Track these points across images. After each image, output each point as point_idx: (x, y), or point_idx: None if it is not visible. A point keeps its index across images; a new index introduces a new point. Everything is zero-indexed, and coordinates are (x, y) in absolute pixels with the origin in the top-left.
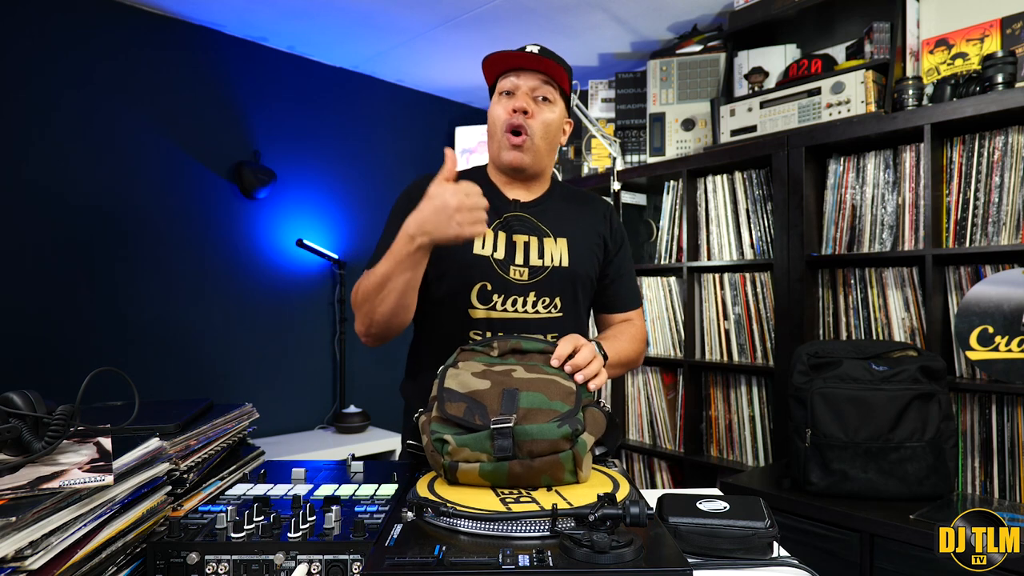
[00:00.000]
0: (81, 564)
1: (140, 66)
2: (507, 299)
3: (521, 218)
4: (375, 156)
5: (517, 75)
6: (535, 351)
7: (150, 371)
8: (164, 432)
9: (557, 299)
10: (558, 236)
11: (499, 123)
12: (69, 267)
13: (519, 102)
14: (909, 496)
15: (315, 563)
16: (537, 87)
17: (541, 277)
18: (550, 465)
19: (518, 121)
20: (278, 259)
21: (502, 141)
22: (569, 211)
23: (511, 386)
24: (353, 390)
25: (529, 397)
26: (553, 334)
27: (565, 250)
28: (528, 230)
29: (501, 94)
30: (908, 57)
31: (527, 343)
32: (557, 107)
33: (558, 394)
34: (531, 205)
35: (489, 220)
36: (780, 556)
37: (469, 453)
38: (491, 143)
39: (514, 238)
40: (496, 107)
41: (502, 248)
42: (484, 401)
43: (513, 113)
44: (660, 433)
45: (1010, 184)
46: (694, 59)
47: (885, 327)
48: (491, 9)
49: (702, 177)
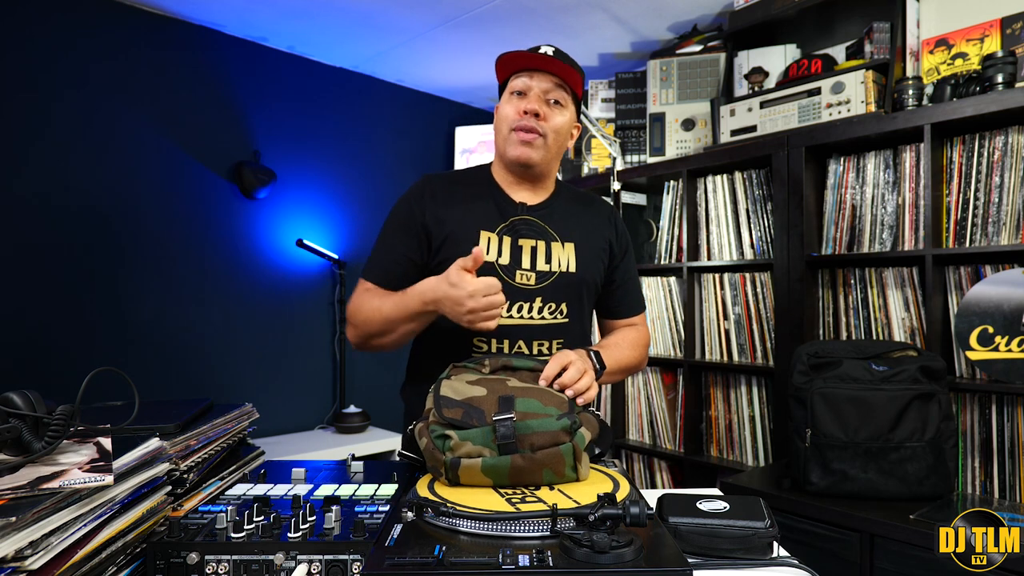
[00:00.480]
0: (81, 564)
1: (140, 66)
2: (513, 305)
3: (528, 222)
4: (375, 156)
5: (530, 76)
6: (525, 369)
7: (150, 371)
8: (164, 432)
9: (563, 305)
10: (565, 241)
11: (508, 121)
12: (69, 267)
13: (531, 104)
14: (909, 496)
15: (315, 563)
16: (550, 90)
17: (548, 282)
18: (551, 458)
19: (529, 124)
20: (278, 259)
21: (509, 138)
22: (575, 214)
23: (507, 393)
24: (353, 390)
25: (525, 403)
26: (559, 340)
27: (572, 255)
28: (535, 234)
29: (512, 93)
30: (908, 57)
31: (517, 361)
32: (568, 111)
33: (552, 402)
34: (538, 208)
35: (494, 223)
36: (780, 556)
37: (471, 447)
38: (498, 140)
39: (520, 242)
40: (506, 106)
41: (507, 253)
42: (481, 406)
43: (524, 114)
44: (660, 433)
45: (1010, 184)
46: (694, 59)
47: (885, 327)
48: (491, 9)
49: (702, 177)
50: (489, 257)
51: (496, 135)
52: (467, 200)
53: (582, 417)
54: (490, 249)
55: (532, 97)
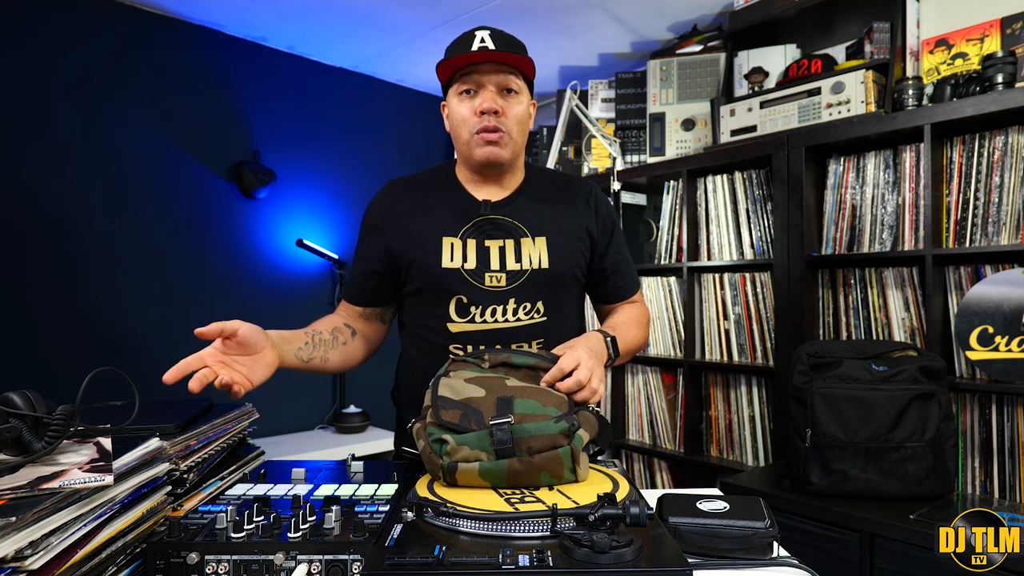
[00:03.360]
0: (81, 564)
1: (140, 66)
2: (485, 310)
3: (493, 220)
4: (375, 156)
5: (478, 71)
6: (525, 367)
7: (150, 371)
8: (164, 432)
9: (540, 303)
10: (536, 235)
11: (467, 125)
12: (69, 266)
13: (487, 103)
14: (909, 496)
15: (315, 563)
16: (501, 81)
17: (520, 282)
18: (549, 461)
19: (491, 123)
20: (278, 259)
21: (472, 140)
22: (547, 204)
23: (505, 393)
24: (353, 390)
25: (523, 404)
26: (539, 340)
27: (544, 250)
28: (502, 233)
29: (462, 92)
30: (908, 57)
31: (517, 357)
32: (524, 95)
33: (551, 402)
34: (503, 204)
35: (457, 226)
36: (780, 556)
37: (468, 452)
38: (459, 144)
39: (486, 243)
40: (460, 107)
41: (473, 257)
42: (479, 407)
43: (482, 115)
44: (660, 433)
45: (1010, 184)
46: (694, 59)
47: (885, 327)
48: (491, 9)
49: (702, 177)
50: (454, 264)
51: (455, 139)
52: (428, 206)
53: (581, 417)
54: (454, 255)
55: (487, 95)
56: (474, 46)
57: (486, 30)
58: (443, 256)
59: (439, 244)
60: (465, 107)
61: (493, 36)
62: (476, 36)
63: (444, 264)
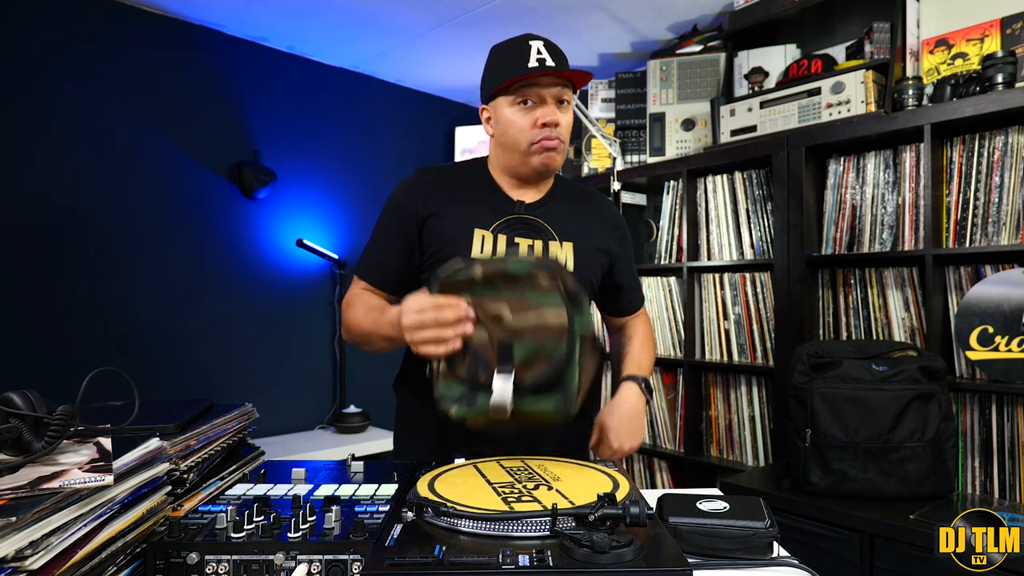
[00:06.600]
0: (81, 564)
1: (140, 66)
2: None
3: (526, 220)
4: (375, 156)
5: (538, 84)
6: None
7: (150, 371)
8: (164, 432)
9: None
10: (564, 240)
11: (526, 135)
12: (69, 266)
13: (550, 116)
14: (909, 496)
15: (315, 563)
16: (558, 93)
17: None
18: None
19: (552, 135)
20: (278, 259)
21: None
22: (575, 212)
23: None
24: (353, 390)
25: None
26: None
27: (571, 256)
28: (533, 233)
29: (520, 102)
30: (908, 57)
31: (513, 265)
32: (571, 104)
33: (550, 335)
34: (536, 206)
35: (488, 220)
36: (780, 556)
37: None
38: (511, 151)
39: (516, 240)
40: (519, 118)
41: (502, 252)
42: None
43: (544, 127)
44: (660, 433)
45: (1010, 184)
46: (694, 59)
47: (885, 327)
48: (491, 9)
49: (702, 177)
50: (483, 255)
51: (507, 146)
52: (462, 196)
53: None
54: (484, 247)
55: (548, 109)
56: (532, 59)
57: (539, 40)
58: (473, 246)
59: (470, 234)
60: (525, 118)
61: (548, 48)
62: (532, 47)
63: (472, 254)
